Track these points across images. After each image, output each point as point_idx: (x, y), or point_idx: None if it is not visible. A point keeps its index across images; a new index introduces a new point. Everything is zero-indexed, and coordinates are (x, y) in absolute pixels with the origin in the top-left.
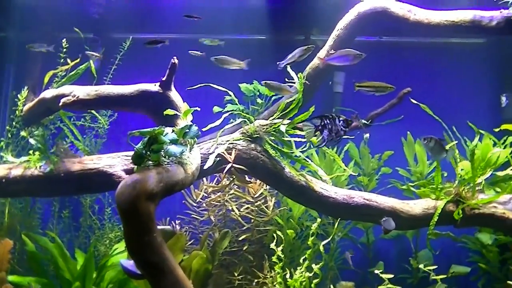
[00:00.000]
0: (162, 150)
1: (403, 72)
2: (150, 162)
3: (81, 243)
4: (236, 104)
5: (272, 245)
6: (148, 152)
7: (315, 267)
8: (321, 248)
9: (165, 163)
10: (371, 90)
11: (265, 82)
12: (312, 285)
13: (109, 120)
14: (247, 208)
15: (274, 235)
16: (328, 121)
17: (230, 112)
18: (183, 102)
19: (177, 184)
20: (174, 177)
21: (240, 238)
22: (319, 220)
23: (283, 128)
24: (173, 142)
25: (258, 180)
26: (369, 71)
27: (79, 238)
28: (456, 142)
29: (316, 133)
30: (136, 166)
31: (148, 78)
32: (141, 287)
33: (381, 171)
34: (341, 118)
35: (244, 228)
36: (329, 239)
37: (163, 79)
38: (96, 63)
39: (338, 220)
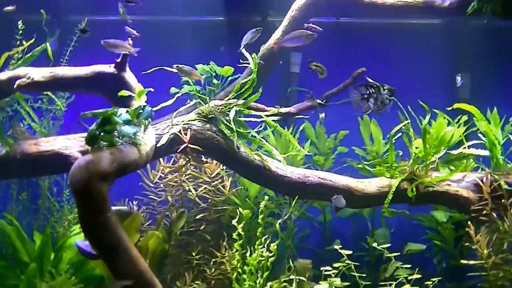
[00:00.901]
0: (116, 131)
1: (360, 53)
2: (104, 143)
3: (40, 225)
4: (192, 85)
5: (234, 222)
6: (102, 133)
7: (272, 246)
8: (277, 227)
9: (119, 143)
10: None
11: (177, 66)
12: (268, 264)
13: (66, 102)
14: (204, 188)
15: (234, 212)
16: (373, 90)
17: (185, 93)
18: (139, 83)
19: (130, 164)
20: (127, 158)
21: (198, 217)
22: (266, 197)
23: (232, 112)
24: (127, 122)
25: (214, 160)
26: (326, 52)
27: (38, 221)
28: (409, 121)
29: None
30: (90, 147)
31: (105, 60)
32: (98, 267)
33: (337, 151)
34: (385, 87)
35: (201, 208)
36: (284, 218)
37: (118, 60)
38: (52, 45)
39: (295, 199)
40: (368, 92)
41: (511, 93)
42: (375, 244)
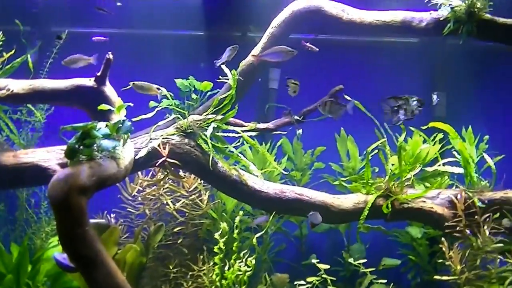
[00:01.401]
0: (95, 145)
1: (338, 70)
2: (83, 157)
3: (17, 237)
4: (171, 99)
5: (216, 235)
6: (81, 147)
7: (249, 260)
8: (254, 241)
9: (98, 157)
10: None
11: (133, 83)
12: (245, 278)
13: (45, 114)
14: (182, 202)
15: (212, 226)
16: (403, 102)
17: (164, 107)
18: (118, 97)
19: (109, 178)
20: (106, 171)
21: (175, 230)
22: (241, 213)
23: (210, 128)
24: (106, 136)
25: (192, 175)
26: (305, 68)
27: (15, 232)
28: (385, 139)
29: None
30: (69, 161)
31: (86, 73)
32: (76, 280)
33: (314, 166)
34: (414, 99)
35: (179, 221)
36: (261, 232)
37: (98, 74)
38: (33, 56)
39: (272, 215)
40: (398, 104)
41: (486, 112)
42: (351, 260)
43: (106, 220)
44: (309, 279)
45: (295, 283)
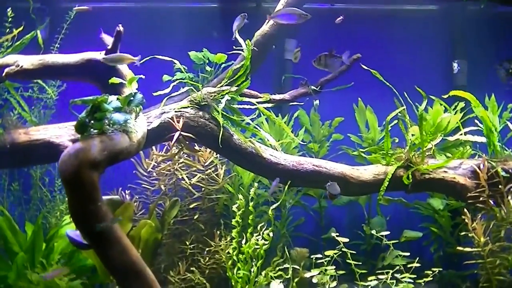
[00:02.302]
0: (106, 119)
1: (355, 39)
2: (94, 131)
3: (32, 216)
4: (185, 72)
5: (234, 207)
6: (92, 121)
7: (265, 233)
8: (270, 213)
9: (109, 131)
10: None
11: (104, 58)
12: (262, 251)
13: (57, 90)
14: (198, 176)
15: (228, 201)
16: None
17: (179, 81)
18: (130, 70)
19: (121, 152)
20: (118, 145)
21: (191, 207)
22: (256, 185)
23: (224, 100)
24: (117, 110)
25: (208, 149)
26: (321, 38)
27: (30, 211)
28: (404, 107)
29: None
30: (79, 135)
31: (96, 47)
32: (90, 258)
33: (333, 138)
34: None
35: (195, 197)
36: (277, 204)
37: (108, 47)
38: (43, 32)
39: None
40: None
41: (509, 79)
42: (373, 231)
43: (120, 196)
44: (327, 253)
45: (312, 257)
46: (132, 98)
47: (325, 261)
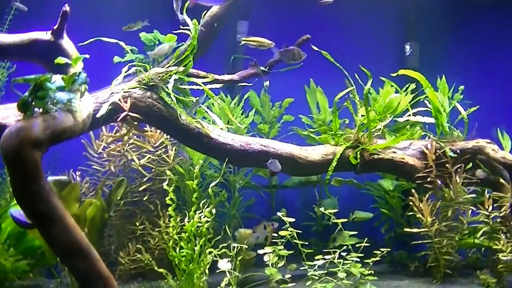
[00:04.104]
0: (49, 98)
1: (307, 21)
2: (37, 110)
3: None
4: (135, 54)
5: (164, 185)
6: (34, 100)
7: (206, 211)
8: (210, 191)
9: (53, 110)
10: (255, 45)
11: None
12: (204, 230)
13: (7, 72)
14: (148, 157)
15: (179, 182)
16: None
17: (129, 64)
18: (76, 50)
19: (65, 131)
20: (61, 124)
21: (141, 188)
22: (201, 162)
23: (172, 80)
24: (61, 89)
25: (158, 130)
26: (272, 19)
27: None
28: (354, 87)
29: None
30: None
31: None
32: (38, 239)
33: (283, 119)
34: None
35: (146, 178)
36: (217, 181)
37: (55, 27)
38: None
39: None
40: None
41: (461, 62)
42: (321, 209)
43: (70, 178)
44: (281, 233)
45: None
46: (76, 78)
47: (279, 241)
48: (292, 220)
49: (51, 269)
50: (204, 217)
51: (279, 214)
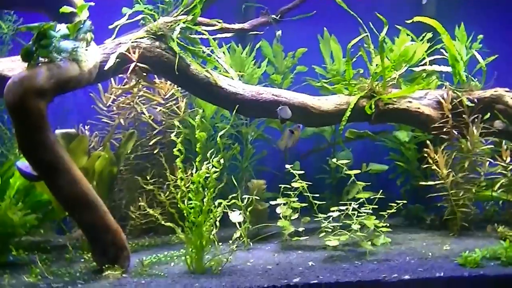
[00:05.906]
0: (53, 46)
1: None
2: (42, 59)
3: None
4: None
5: (172, 136)
6: (38, 49)
7: (214, 160)
8: (218, 140)
9: (58, 59)
10: None
11: None
12: (212, 180)
13: (14, 25)
14: (158, 110)
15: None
16: None
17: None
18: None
19: (70, 80)
20: (66, 74)
21: (152, 142)
22: (200, 111)
23: (178, 29)
24: (65, 37)
25: (168, 81)
26: None
27: None
28: (367, 34)
29: None
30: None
31: None
32: (46, 193)
33: (296, 70)
34: None
35: (156, 131)
36: (225, 130)
37: None
38: None
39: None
40: None
41: (479, 11)
42: (334, 160)
43: (79, 131)
44: (294, 185)
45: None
46: (81, 26)
47: (292, 193)
48: (301, 172)
49: (61, 225)
50: (212, 167)
51: (287, 166)
